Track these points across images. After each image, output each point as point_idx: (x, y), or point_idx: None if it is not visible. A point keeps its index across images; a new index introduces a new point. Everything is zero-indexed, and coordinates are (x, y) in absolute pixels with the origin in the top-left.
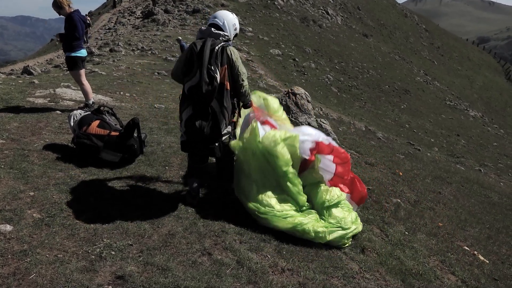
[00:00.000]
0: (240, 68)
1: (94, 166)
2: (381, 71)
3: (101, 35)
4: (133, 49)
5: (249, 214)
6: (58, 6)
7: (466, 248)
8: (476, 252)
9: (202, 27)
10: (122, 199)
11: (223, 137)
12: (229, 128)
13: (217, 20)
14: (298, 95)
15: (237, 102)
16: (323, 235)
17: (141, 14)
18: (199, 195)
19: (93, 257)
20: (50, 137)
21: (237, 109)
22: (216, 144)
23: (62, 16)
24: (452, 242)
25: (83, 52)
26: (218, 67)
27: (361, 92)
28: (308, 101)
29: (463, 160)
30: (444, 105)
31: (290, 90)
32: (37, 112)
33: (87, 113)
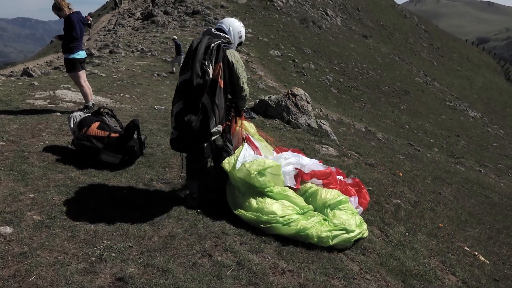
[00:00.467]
0: (240, 71)
1: (94, 168)
2: (381, 72)
3: (101, 37)
4: (133, 51)
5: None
6: (58, 8)
7: (467, 249)
8: (477, 253)
9: (205, 29)
10: (122, 201)
11: (213, 136)
12: (219, 127)
13: (223, 26)
14: (298, 96)
15: (235, 108)
16: (327, 240)
17: (141, 16)
18: (199, 197)
19: (93, 259)
20: (50, 139)
21: (233, 113)
22: (205, 144)
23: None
24: (453, 243)
25: (82, 54)
26: (212, 63)
27: (361, 93)
28: (308, 102)
29: (463, 161)
30: (444, 106)
31: (290, 91)
32: (37, 114)
33: (87, 115)
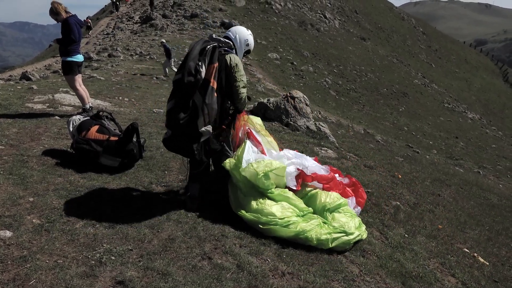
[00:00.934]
0: (238, 75)
1: (94, 171)
2: (379, 74)
3: (100, 41)
4: (132, 54)
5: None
6: (55, 13)
7: (466, 250)
8: (476, 254)
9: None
10: (122, 204)
11: (202, 137)
12: (209, 127)
13: (230, 33)
14: (297, 99)
15: (235, 110)
16: (326, 243)
17: (139, 19)
18: (199, 200)
19: (93, 262)
20: (49, 143)
21: (231, 117)
22: (195, 145)
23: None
24: (452, 244)
25: (80, 58)
26: (205, 63)
27: (360, 95)
28: (307, 105)
29: (462, 162)
30: (442, 108)
31: (289, 94)
32: (36, 118)
33: (86, 118)
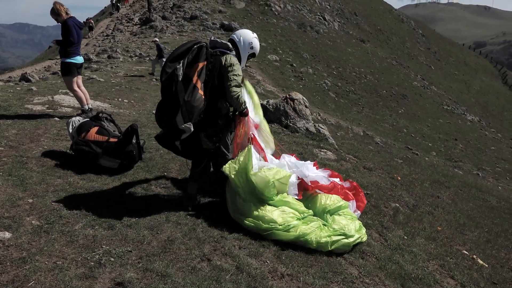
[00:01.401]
0: (231, 74)
1: (93, 173)
2: (379, 76)
3: (99, 42)
4: (131, 56)
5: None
6: (56, 14)
7: (465, 252)
8: (475, 256)
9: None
10: (121, 206)
11: (183, 134)
12: (189, 125)
13: (234, 36)
14: (296, 101)
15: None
16: (326, 245)
17: (139, 21)
18: (196, 200)
19: (92, 264)
20: (49, 144)
21: (231, 116)
22: (177, 142)
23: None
24: (451, 246)
25: (79, 59)
26: (186, 62)
27: (359, 97)
28: (306, 107)
29: (461, 164)
30: (442, 110)
31: (288, 96)
32: (36, 119)
33: (86, 120)
